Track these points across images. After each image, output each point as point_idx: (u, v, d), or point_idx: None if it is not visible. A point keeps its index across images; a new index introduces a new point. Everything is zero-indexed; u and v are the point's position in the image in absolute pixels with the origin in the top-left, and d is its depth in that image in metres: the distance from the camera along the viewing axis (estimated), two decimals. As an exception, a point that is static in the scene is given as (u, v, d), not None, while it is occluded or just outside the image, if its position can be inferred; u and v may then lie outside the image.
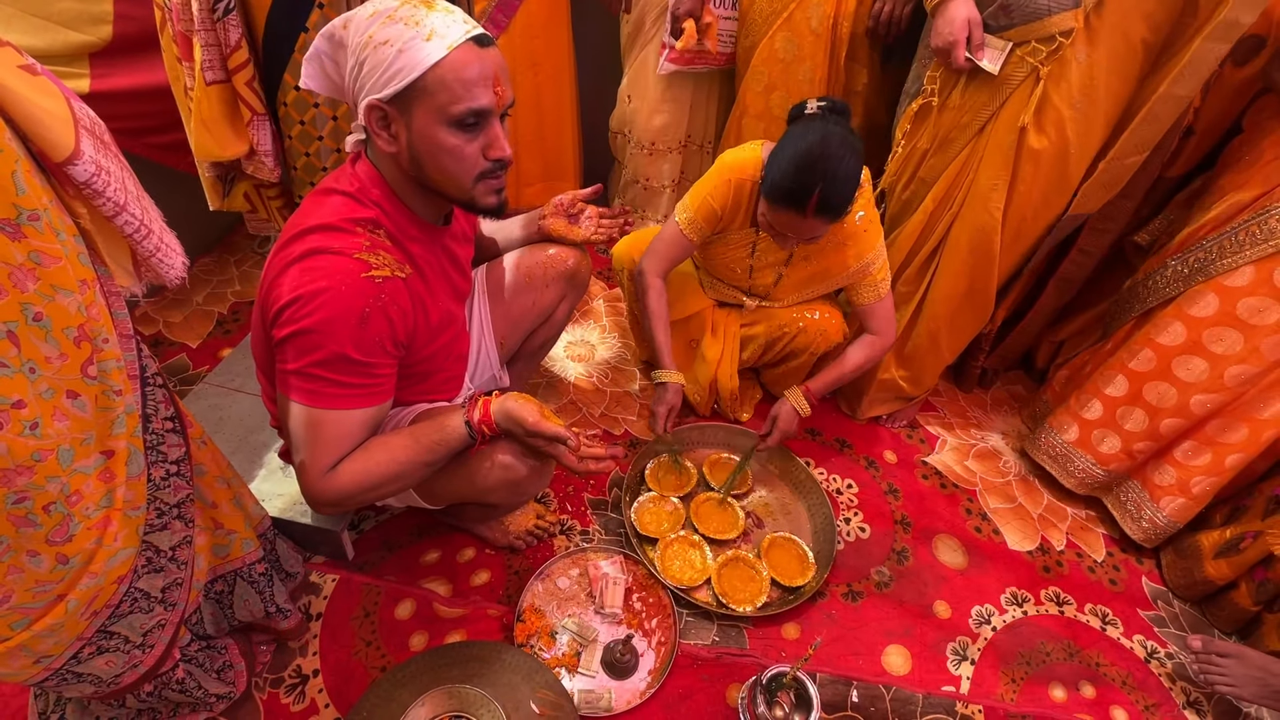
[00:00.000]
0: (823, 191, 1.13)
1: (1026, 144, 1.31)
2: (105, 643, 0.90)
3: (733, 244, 1.46)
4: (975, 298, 1.52)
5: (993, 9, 1.24)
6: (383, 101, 0.86)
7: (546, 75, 1.91)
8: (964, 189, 1.40)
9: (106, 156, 0.70)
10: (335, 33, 0.87)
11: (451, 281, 1.08)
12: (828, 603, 1.38)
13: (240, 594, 1.10)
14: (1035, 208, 1.40)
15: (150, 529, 0.91)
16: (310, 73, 0.88)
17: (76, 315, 0.69)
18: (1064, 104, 1.26)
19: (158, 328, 1.78)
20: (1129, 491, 1.55)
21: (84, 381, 0.72)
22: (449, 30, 0.84)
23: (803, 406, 1.47)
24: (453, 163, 0.90)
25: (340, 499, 0.92)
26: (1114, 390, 1.49)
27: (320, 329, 0.85)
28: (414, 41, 0.83)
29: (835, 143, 1.12)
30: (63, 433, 0.71)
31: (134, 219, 0.73)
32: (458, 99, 0.85)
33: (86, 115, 0.69)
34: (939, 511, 1.60)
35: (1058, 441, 1.61)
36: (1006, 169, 1.34)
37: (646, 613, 1.30)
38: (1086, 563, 1.54)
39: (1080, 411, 1.56)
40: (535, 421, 0.90)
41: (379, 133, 0.89)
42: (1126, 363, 1.47)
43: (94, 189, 0.67)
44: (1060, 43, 1.20)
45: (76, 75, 1.39)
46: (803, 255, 1.43)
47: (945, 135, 1.39)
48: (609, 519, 1.48)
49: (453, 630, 1.25)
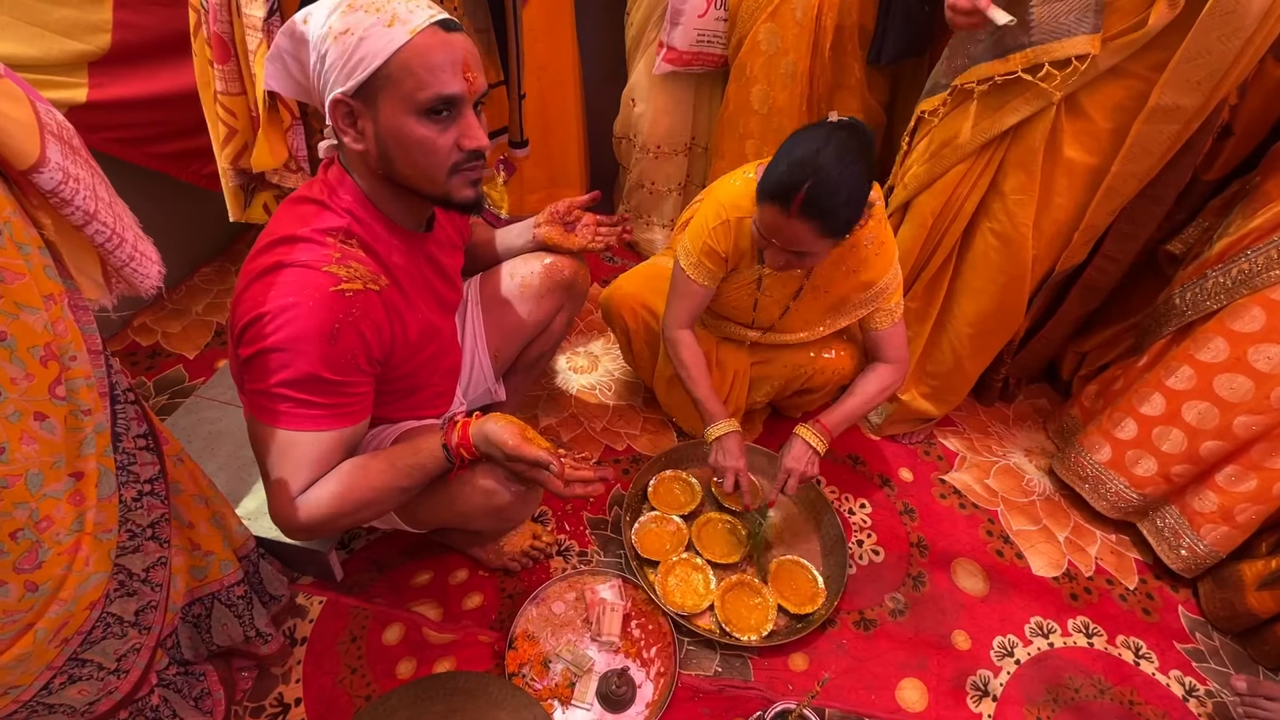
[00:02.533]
0: (810, 189, 1.03)
1: (1062, 154, 1.24)
2: (77, 670, 0.86)
3: (737, 282, 1.36)
4: (1004, 315, 1.45)
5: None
6: (347, 95, 0.81)
7: (551, 80, 1.88)
8: (965, 200, 1.33)
9: (75, 163, 0.66)
10: (296, 29, 0.83)
11: (435, 292, 1.04)
12: (838, 632, 1.30)
13: (218, 618, 1.06)
14: (1071, 220, 1.32)
15: (122, 551, 0.87)
16: (272, 73, 0.84)
17: (43, 333, 0.65)
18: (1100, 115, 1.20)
19: (156, 338, 1.76)
20: (1166, 517, 1.45)
21: (52, 402, 0.68)
22: (412, 15, 0.80)
23: (819, 445, 1.31)
24: (424, 156, 0.85)
25: (312, 526, 0.87)
26: (1150, 409, 1.40)
27: (287, 346, 0.80)
28: (375, 28, 0.78)
29: (837, 147, 1.04)
30: (31, 456, 0.67)
31: (105, 228, 0.69)
32: (424, 85, 0.80)
33: (54, 120, 0.65)
34: (958, 534, 1.52)
35: (1089, 462, 1.52)
36: (1034, 181, 1.26)
37: (645, 640, 1.24)
38: (1118, 590, 1.45)
39: (1113, 431, 1.46)
40: (515, 445, 0.84)
41: (345, 130, 0.84)
42: (1164, 380, 1.38)
43: (61, 197, 0.63)
44: (1075, 67, 1.13)
45: (74, 85, 1.37)
46: (812, 287, 1.33)
47: (938, 149, 1.33)
48: (608, 539, 1.41)
49: (441, 657, 1.19)
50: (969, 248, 1.40)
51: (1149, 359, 1.45)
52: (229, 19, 1.15)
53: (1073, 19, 1.12)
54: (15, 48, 1.28)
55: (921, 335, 1.53)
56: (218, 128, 1.29)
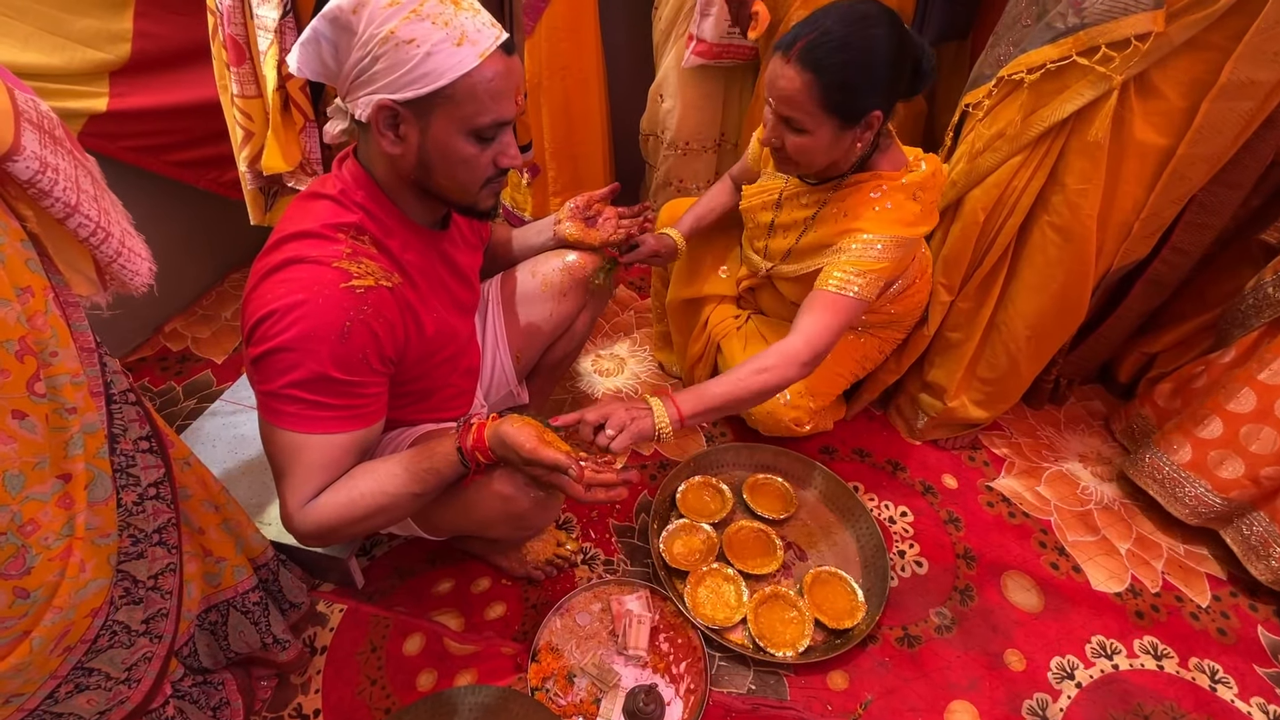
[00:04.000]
0: (814, 38, 0.96)
1: (1133, 138, 1.14)
2: (84, 679, 0.84)
3: (764, 188, 1.32)
4: (1065, 314, 1.35)
5: (1060, 6, 1.09)
6: (397, 103, 0.78)
7: (575, 80, 1.85)
8: (1021, 194, 1.24)
9: (56, 153, 0.64)
10: (342, 15, 0.77)
11: (450, 291, 1.00)
12: (880, 649, 1.22)
13: (234, 624, 1.04)
14: (1139, 210, 1.22)
15: (125, 557, 0.84)
16: (305, 57, 0.80)
17: (16, 327, 0.62)
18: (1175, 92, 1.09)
19: (186, 343, 1.77)
20: (1254, 524, 1.33)
21: (30, 400, 0.65)
22: (480, 36, 0.78)
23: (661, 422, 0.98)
24: (466, 171, 0.85)
25: (321, 532, 0.83)
26: (1239, 406, 1.29)
27: (297, 346, 0.77)
28: (444, 45, 0.76)
29: (858, 13, 0.98)
30: (10, 456, 0.65)
31: (88, 222, 0.66)
32: (485, 110, 0.80)
33: (34, 108, 0.63)
34: (1008, 545, 1.42)
35: (1165, 463, 1.40)
36: (1099, 170, 1.16)
37: (674, 655, 1.17)
38: (1188, 608, 1.33)
39: (1195, 430, 1.35)
40: (532, 448, 0.80)
41: (384, 133, 0.82)
42: (1256, 374, 1.27)
43: (39, 188, 0.61)
44: (1136, 47, 1.03)
45: (96, 94, 1.38)
46: (814, 224, 1.23)
47: (989, 141, 1.23)
48: (635, 548, 1.36)
49: (463, 670, 1.15)
50: (1025, 243, 1.30)
51: (1237, 354, 1.34)
52: (243, 21, 1.14)
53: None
54: (38, 58, 1.29)
55: (972, 338, 1.43)
56: (235, 130, 1.28)
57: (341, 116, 0.83)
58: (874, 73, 1.00)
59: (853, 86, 0.99)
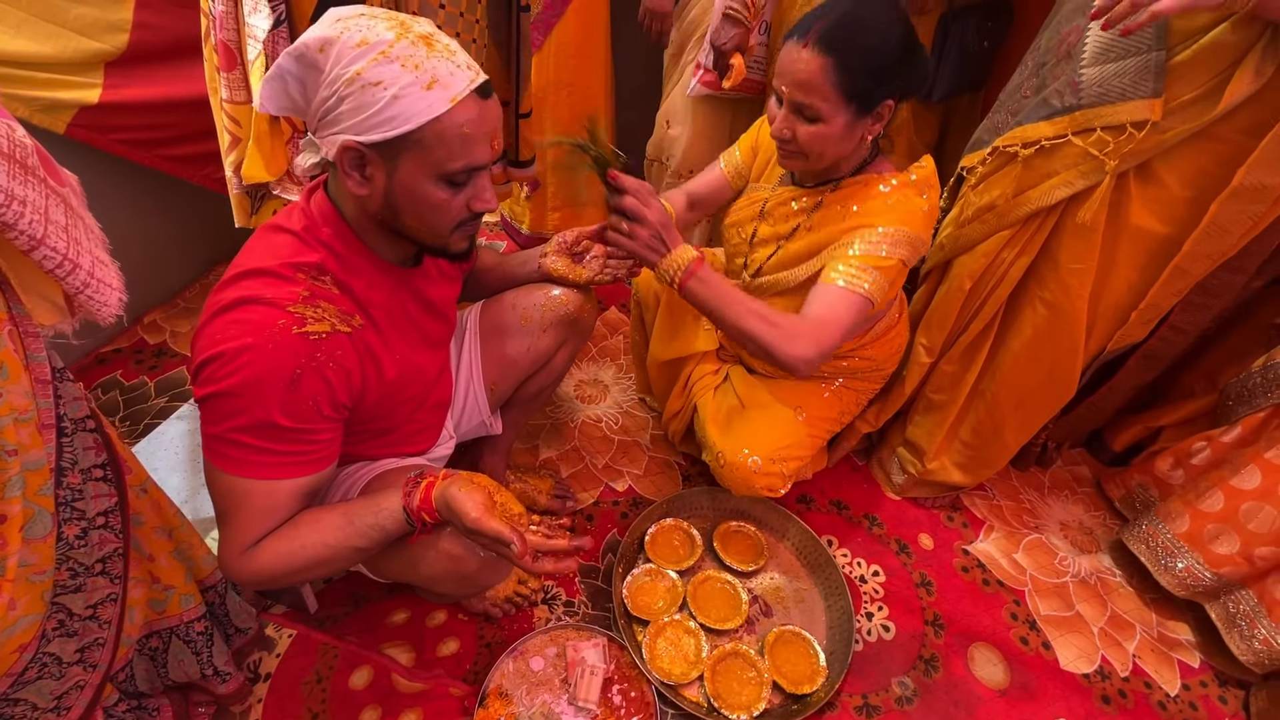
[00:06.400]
0: (834, 19, 0.95)
1: (1130, 222, 1.11)
2: (8, 710, 0.82)
3: (748, 197, 1.29)
4: (1053, 389, 1.32)
5: (1059, 84, 1.06)
6: (363, 144, 0.75)
7: (580, 97, 1.82)
8: (1011, 265, 1.21)
9: (25, 184, 0.61)
10: (309, 54, 0.75)
11: (420, 328, 0.97)
12: (837, 717, 1.19)
13: (175, 653, 1.01)
14: (1136, 295, 1.19)
15: (61, 590, 0.82)
16: (269, 94, 0.77)
17: None
18: (1177, 182, 1.06)
19: (164, 336, 1.74)
20: (1241, 603, 1.30)
21: None
22: (453, 79, 0.74)
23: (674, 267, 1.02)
24: (434, 215, 0.82)
25: (260, 580, 0.80)
26: (1242, 482, 1.27)
27: (242, 391, 0.74)
28: (412, 89, 0.72)
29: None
30: None
31: (55, 254, 0.63)
32: (456, 156, 0.77)
33: (5, 137, 0.60)
34: (978, 614, 1.39)
35: (1162, 532, 1.38)
36: (1093, 251, 1.13)
37: (626, 709, 1.15)
38: (1157, 695, 1.30)
39: (1196, 502, 1.33)
40: (475, 518, 0.76)
41: (350, 173, 0.78)
42: (1263, 452, 1.25)
43: (3, 221, 0.58)
44: (1131, 134, 1.00)
45: (89, 85, 1.35)
46: (807, 228, 1.18)
47: (979, 212, 1.21)
48: (598, 590, 1.33)
49: (408, 709, 1.12)
50: (1016, 314, 1.28)
51: (1243, 431, 1.32)
52: (235, 27, 1.10)
53: (1128, 81, 0.98)
54: (30, 45, 1.26)
55: (956, 401, 1.40)
56: (224, 135, 1.25)
57: (312, 150, 0.80)
58: (890, 57, 0.98)
59: (871, 70, 0.97)
